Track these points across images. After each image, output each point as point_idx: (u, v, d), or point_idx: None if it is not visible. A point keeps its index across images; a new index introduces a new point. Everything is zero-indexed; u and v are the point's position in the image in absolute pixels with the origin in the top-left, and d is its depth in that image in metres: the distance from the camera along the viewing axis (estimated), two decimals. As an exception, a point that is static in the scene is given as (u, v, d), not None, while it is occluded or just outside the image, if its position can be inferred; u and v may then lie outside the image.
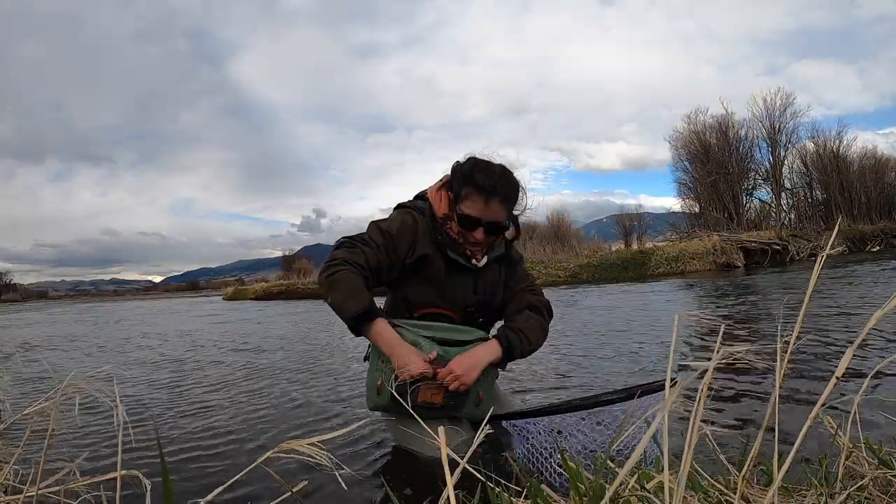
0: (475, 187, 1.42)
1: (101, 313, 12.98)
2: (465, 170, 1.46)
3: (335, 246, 1.43)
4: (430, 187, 1.56)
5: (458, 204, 1.44)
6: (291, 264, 24.02)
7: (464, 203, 1.43)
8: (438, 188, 1.52)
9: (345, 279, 1.33)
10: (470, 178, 1.43)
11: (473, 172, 1.44)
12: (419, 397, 1.33)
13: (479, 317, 1.58)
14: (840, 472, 0.72)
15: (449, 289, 1.49)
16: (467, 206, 1.43)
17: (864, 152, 21.59)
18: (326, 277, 1.34)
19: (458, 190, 1.46)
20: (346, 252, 1.38)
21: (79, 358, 4.47)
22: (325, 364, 3.29)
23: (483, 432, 0.60)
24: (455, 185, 1.47)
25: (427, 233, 1.47)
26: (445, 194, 1.49)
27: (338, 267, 1.35)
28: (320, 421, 1.96)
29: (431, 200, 1.50)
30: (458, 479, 0.48)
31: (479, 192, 1.42)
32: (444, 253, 1.47)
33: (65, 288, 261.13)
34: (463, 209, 1.43)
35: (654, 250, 14.44)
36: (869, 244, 16.83)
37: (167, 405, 2.36)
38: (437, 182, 1.56)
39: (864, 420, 1.40)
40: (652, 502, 0.64)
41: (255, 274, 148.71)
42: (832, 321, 3.30)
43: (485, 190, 1.41)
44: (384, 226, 1.45)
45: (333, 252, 1.40)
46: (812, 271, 0.56)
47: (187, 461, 1.57)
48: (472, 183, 1.42)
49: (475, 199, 1.42)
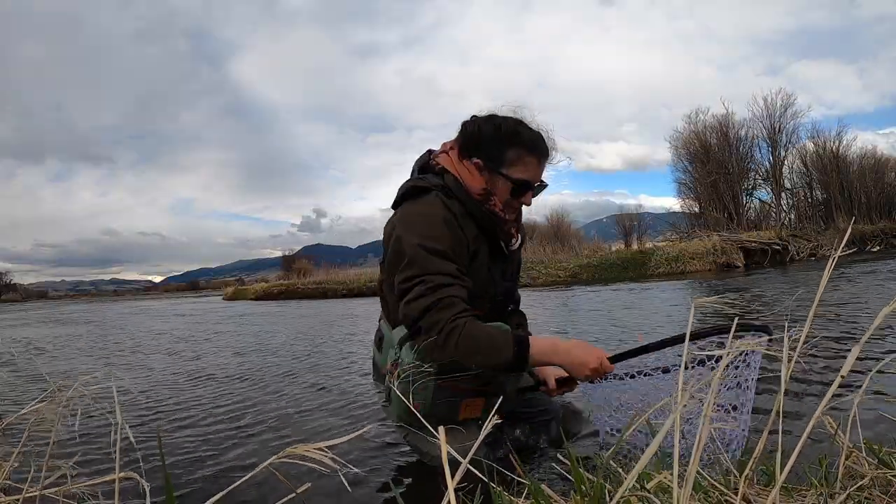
0: (527, 147, 1.26)
1: (100, 316, 12.98)
2: (510, 128, 1.26)
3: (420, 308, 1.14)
4: (438, 158, 1.32)
5: (505, 168, 1.25)
6: (291, 264, 24.01)
7: (514, 167, 1.25)
8: (458, 159, 1.29)
9: (470, 335, 1.12)
10: (516, 137, 1.26)
11: (519, 130, 1.26)
12: (460, 415, 1.25)
13: (508, 305, 1.41)
14: (840, 472, 0.72)
15: (485, 280, 1.28)
16: (519, 171, 1.25)
17: (864, 152, 21.59)
18: (455, 345, 1.11)
19: (495, 156, 1.25)
20: (442, 308, 1.13)
21: (79, 359, 4.46)
22: (326, 365, 3.29)
23: (486, 430, 0.59)
24: (490, 149, 1.26)
25: (464, 220, 1.25)
26: (472, 165, 1.27)
27: (453, 324, 1.12)
28: (326, 423, 1.96)
29: (460, 177, 1.27)
30: (462, 479, 0.47)
31: (532, 153, 1.27)
32: (488, 239, 1.30)
33: (65, 288, 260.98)
34: (514, 174, 1.25)
35: (653, 250, 14.43)
36: (869, 244, 16.82)
37: (168, 407, 2.35)
38: (440, 153, 1.34)
39: (863, 420, 1.40)
40: (652, 502, 0.64)
41: (255, 274, 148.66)
42: (833, 320, 3.30)
43: (537, 149, 1.27)
44: (440, 247, 1.17)
45: (427, 316, 1.13)
46: (813, 271, 0.55)
47: (190, 464, 1.57)
48: (522, 143, 1.26)
49: (528, 161, 1.26)
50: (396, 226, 1.24)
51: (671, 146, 21.02)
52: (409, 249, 1.17)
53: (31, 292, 77.56)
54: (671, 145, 21.04)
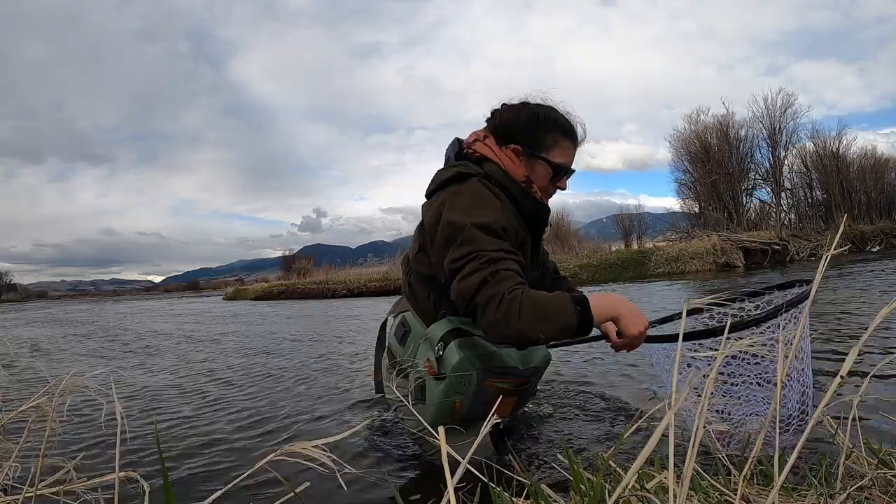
0: (563, 132, 1.28)
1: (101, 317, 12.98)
2: (548, 115, 1.28)
3: (475, 282, 1.09)
4: (475, 146, 1.30)
5: (545, 153, 1.26)
6: (291, 264, 24.01)
7: (553, 152, 1.27)
8: (496, 145, 1.28)
9: (531, 302, 1.07)
10: (555, 123, 1.28)
11: (556, 117, 1.29)
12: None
13: None
14: (840, 472, 0.72)
15: (525, 270, 1.23)
16: (557, 155, 1.27)
17: (863, 152, 21.61)
18: (518, 315, 1.05)
19: (534, 141, 1.26)
20: (499, 280, 1.09)
21: (79, 359, 4.46)
22: (326, 364, 3.29)
23: (487, 428, 0.59)
24: (528, 134, 1.26)
25: (510, 206, 1.24)
26: (512, 153, 1.27)
27: (511, 295, 1.07)
28: (324, 422, 1.96)
29: (502, 164, 1.27)
30: (462, 479, 0.48)
31: (568, 136, 1.29)
32: (531, 226, 1.29)
33: (64, 288, 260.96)
34: (553, 158, 1.27)
35: (653, 250, 14.43)
36: (869, 244, 16.83)
37: (167, 406, 2.35)
38: (473, 141, 1.31)
39: (863, 420, 1.40)
40: (652, 502, 0.64)
41: (255, 274, 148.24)
42: (832, 320, 3.30)
43: (573, 133, 1.30)
44: (494, 226, 1.15)
45: (484, 290, 1.08)
46: (813, 271, 0.55)
47: (189, 463, 1.56)
48: (559, 128, 1.28)
49: (565, 147, 1.28)
50: (445, 208, 1.19)
51: (671, 146, 21.05)
52: (460, 230, 1.14)
53: (31, 292, 77.62)
54: (671, 145, 21.06)
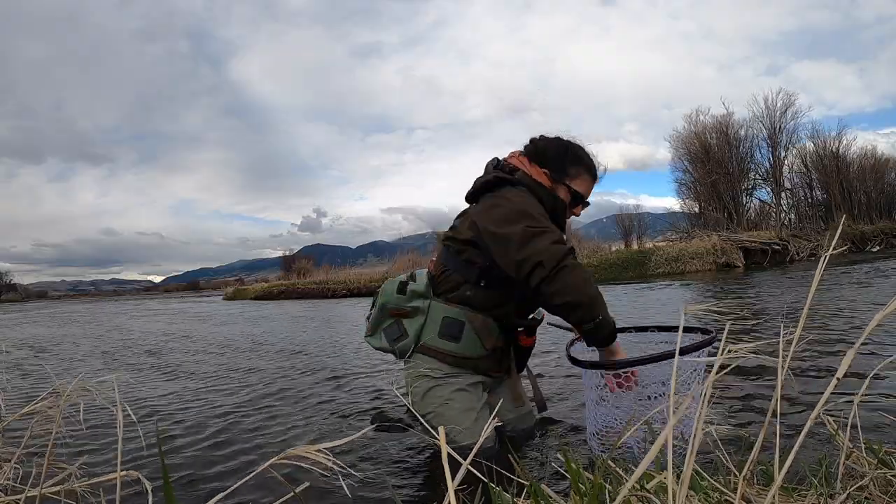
0: (586, 168, 1.50)
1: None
2: (576, 151, 1.50)
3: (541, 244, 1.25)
4: (511, 160, 1.49)
5: (568, 181, 1.47)
6: (291, 264, 23.99)
7: (575, 181, 1.48)
8: (530, 164, 1.47)
9: (585, 276, 1.25)
10: (580, 159, 1.50)
11: (582, 154, 1.51)
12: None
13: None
14: (840, 472, 0.72)
15: None
16: (578, 185, 1.49)
17: (863, 152, 21.61)
18: (571, 274, 1.22)
19: (560, 168, 1.47)
20: (559, 243, 1.26)
21: (79, 359, 4.46)
22: (326, 365, 3.29)
23: (489, 429, 0.60)
24: (554, 164, 1.47)
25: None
26: (542, 173, 1.46)
27: (570, 261, 1.24)
28: (325, 425, 1.96)
29: (532, 175, 1.45)
30: (462, 479, 0.48)
31: (590, 173, 1.51)
32: (553, 221, 1.43)
33: (65, 288, 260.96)
34: (574, 186, 1.48)
35: (653, 250, 14.43)
36: (869, 244, 16.83)
37: (170, 409, 2.35)
38: (513, 157, 1.50)
39: (863, 420, 1.40)
40: (652, 503, 0.64)
41: (256, 274, 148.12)
42: (832, 320, 3.30)
43: (594, 172, 1.52)
44: (544, 218, 1.34)
45: (547, 248, 1.24)
46: (813, 271, 0.56)
47: (191, 465, 1.57)
48: (583, 164, 1.50)
49: (585, 179, 1.50)
50: (497, 202, 1.36)
51: (671, 146, 21.04)
52: (517, 214, 1.30)
53: (31, 292, 77.58)
54: (671, 145, 21.06)
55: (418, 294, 1.45)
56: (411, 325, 1.45)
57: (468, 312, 1.41)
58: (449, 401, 1.39)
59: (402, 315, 1.46)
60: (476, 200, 1.47)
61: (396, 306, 1.46)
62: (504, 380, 1.56)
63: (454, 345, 1.41)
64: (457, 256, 1.44)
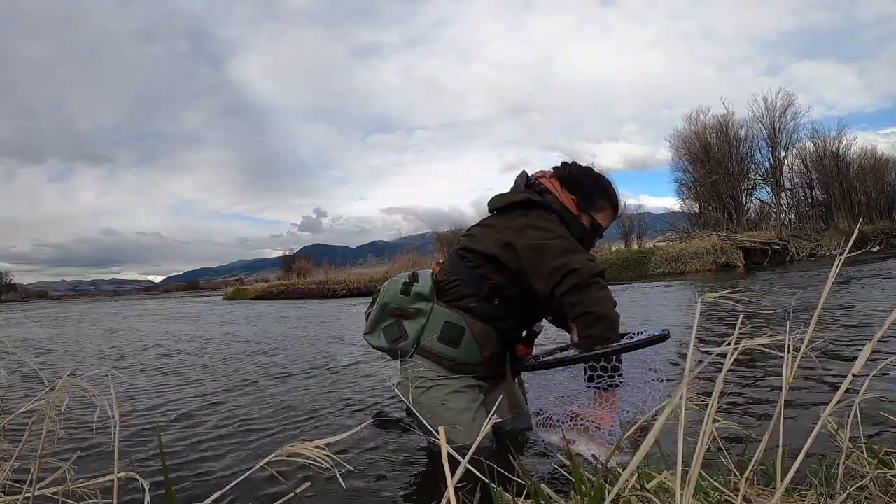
0: (610, 203, 1.54)
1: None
2: (605, 184, 1.54)
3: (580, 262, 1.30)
4: (542, 180, 1.52)
5: (593, 212, 1.50)
6: (291, 264, 23.98)
7: (599, 213, 1.52)
8: (561, 188, 1.50)
9: (610, 296, 1.32)
10: (606, 193, 1.54)
11: (610, 189, 1.55)
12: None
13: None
14: (840, 472, 0.72)
15: None
16: (601, 217, 1.52)
17: (863, 152, 21.62)
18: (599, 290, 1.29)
19: (588, 199, 1.50)
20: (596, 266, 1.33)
21: (79, 359, 4.46)
22: (326, 365, 3.29)
23: (487, 427, 0.59)
24: (583, 193, 1.50)
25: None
26: (571, 199, 1.49)
27: (601, 280, 1.32)
28: (324, 422, 1.96)
29: (561, 199, 1.49)
30: (462, 479, 0.47)
31: (613, 208, 1.55)
32: None
33: (64, 288, 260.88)
34: (597, 218, 1.52)
35: (653, 250, 14.44)
36: (869, 244, 16.83)
37: (168, 406, 2.35)
38: (540, 175, 1.54)
39: (864, 420, 1.40)
40: (652, 502, 0.64)
41: (256, 274, 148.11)
42: (834, 320, 3.30)
43: (618, 207, 1.58)
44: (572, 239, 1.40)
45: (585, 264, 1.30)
46: (815, 271, 0.55)
47: (189, 464, 1.56)
48: (608, 197, 1.54)
49: (608, 212, 1.54)
50: (534, 223, 1.39)
51: (671, 146, 21.04)
52: (555, 236, 1.36)
53: (31, 292, 77.53)
54: (671, 145, 21.06)
55: (422, 296, 1.44)
56: (412, 326, 1.44)
57: (469, 319, 1.42)
58: (445, 401, 1.41)
59: (404, 316, 1.46)
60: (502, 213, 1.47)
61: (399, 307, 1.46)
62: (499, 383, 1.56)
63: (453, 350, 1.42)
64: (471, 270, 1.44)
